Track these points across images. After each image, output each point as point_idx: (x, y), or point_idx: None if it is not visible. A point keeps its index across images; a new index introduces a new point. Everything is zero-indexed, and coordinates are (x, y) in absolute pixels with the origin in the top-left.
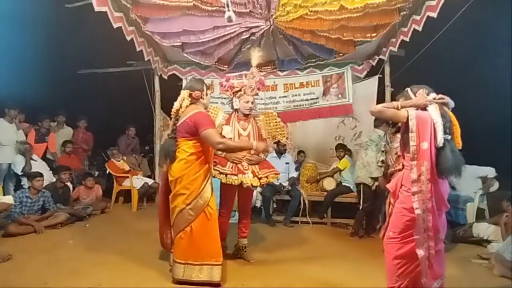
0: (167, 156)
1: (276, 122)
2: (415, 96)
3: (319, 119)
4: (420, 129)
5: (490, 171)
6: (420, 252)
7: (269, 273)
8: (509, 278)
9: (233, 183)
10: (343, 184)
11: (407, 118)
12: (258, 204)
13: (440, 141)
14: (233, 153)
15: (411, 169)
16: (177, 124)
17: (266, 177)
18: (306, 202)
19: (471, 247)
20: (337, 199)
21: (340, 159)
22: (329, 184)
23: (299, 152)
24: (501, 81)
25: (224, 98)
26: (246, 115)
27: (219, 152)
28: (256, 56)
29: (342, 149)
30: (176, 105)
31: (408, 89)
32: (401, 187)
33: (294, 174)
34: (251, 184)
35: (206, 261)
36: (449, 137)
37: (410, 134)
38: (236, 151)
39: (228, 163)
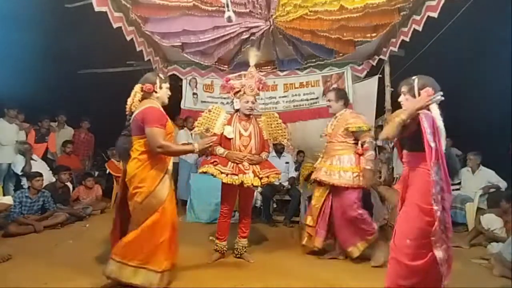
0: (120, 154)
1: (277, 123)
2: (419, 93)
3: (319, 119)
4: (433, 130)
5: (503, 184)
6: (439, 254)
7: (269, 273)
8: (509, 278)
9: (234, 183)
10: None
11: (418, 123)
12: (258, 204)
13: (444, 144)
14: (174, 156)
15: (430, 170)
16: (130, 121)
17: (267, 177)
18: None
19: (471, 248)
20: None
21: None
22: None
23: (299, 152)
24: (501, 81)
25: (224, 98)
26: (248, 116)
27: (221, 152)
28: (253, 56)
29: None
30: (129, 100)
31: (415, 81)
32: (407, 188)
33: (294, 174)
34: (252, 184)
35: (145, 265)
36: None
37: (428, 136)
38: (176, 154)
39: (229, 163)
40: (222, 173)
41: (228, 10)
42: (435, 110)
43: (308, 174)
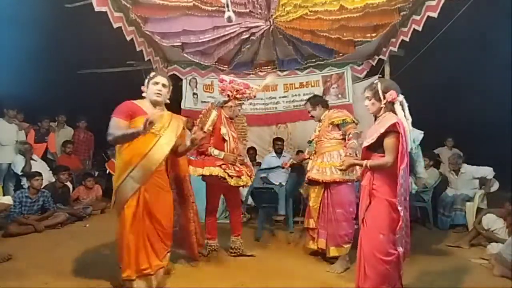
0: None
1: (243, 125)
2: (384, 96)
3: None
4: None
5: (488, 172)
6: (401, 250)
7: (269, 273)
8: (509, 278)
9: (237, 184)
10: None
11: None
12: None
13: (408, 147)
14: (121, 143)
15: (398, 173)
16: None
17: (250, 176)
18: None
19: (471, 248)
20: None
21: None
22: None
23: (298, 152)
24: (501, 80)
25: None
26: (232, 118)
27: (216, 153)
28: (271, 79)
29: None
30: None
31: (378, 85)
32: (373, 185)
33: None
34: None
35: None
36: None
37: (405, 144)
38: (122, 140)
39: (230, 165)
40: (229, 175)
41: (228, 10)
42: (400, 112)
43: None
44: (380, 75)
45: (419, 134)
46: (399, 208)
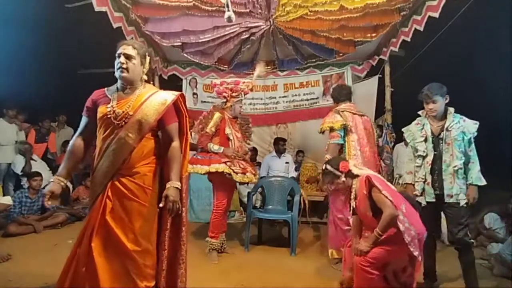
0: None
1: (247, 126)
2: (340, 172)
3: (319, 119)
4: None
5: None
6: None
7: (269, 273)
8: (509, 278)
9: (244, 181)
10: None
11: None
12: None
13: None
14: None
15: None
16: None
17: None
18: (306, 202)
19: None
20: None
21: None
22: None
23: (298, 152)
24: (501, 81)
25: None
26: (235, 118)
27: (215, 148)
28: (260, 69)
29: None
30: None
31: (328, 167)
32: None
33: (294, 174)
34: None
35: None
36: None
37: (384, 193)
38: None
39: (235, 162)
40: (234, 172)
41: (228, 10)
42: (358, 169)
43: (310, 176)
44: (380, 75)
45: (472, 125)
46: (415, 253)
